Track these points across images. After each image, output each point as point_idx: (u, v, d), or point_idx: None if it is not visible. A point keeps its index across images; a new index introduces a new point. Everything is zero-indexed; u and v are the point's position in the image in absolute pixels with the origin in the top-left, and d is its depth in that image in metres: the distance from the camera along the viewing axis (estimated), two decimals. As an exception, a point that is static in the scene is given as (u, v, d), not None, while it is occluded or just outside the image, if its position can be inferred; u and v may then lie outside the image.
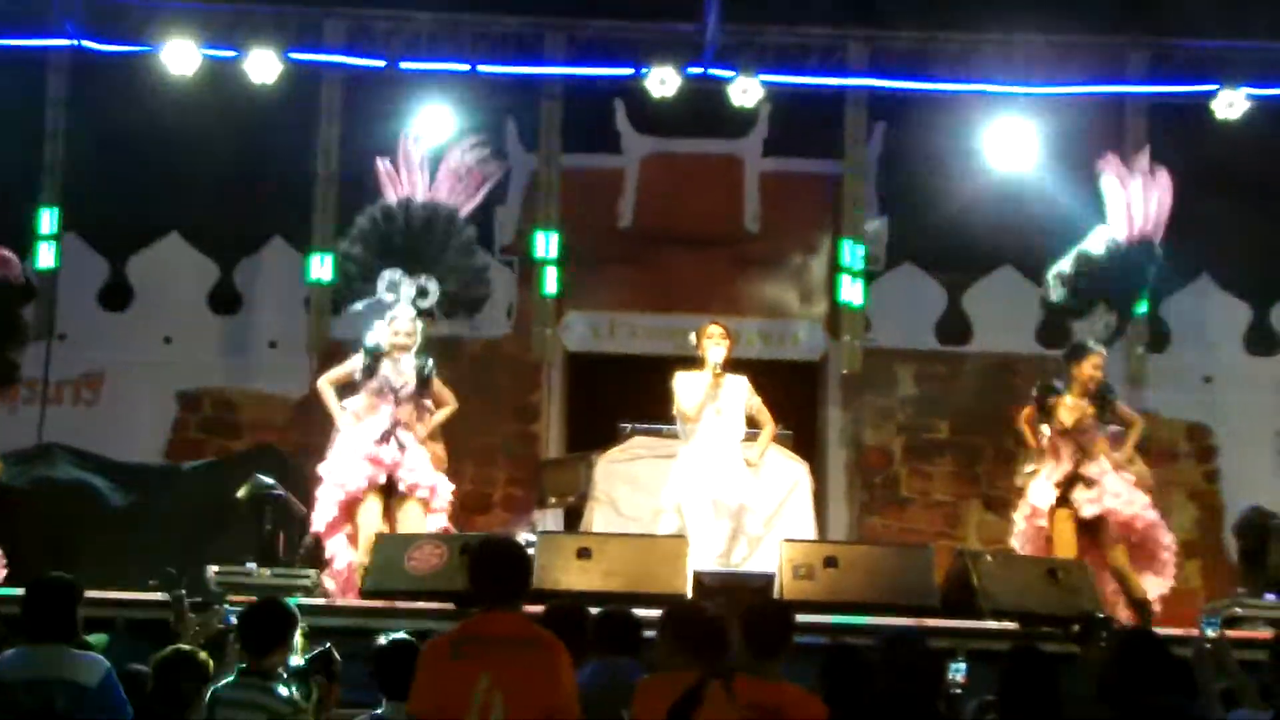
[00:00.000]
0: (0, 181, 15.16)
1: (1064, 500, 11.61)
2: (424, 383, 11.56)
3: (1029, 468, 11.93)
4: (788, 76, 15.38)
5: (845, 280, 15.54)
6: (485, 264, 12.67)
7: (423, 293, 11.70)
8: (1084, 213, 13.19)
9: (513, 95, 15.75)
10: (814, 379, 16.51)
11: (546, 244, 15.51)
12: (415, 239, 11.86)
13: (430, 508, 11.47)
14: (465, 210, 12.33)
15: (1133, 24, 15.40)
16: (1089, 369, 11.78)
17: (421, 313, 11.73)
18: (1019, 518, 11.91)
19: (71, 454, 14.45)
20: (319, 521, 11.42)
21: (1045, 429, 11.83)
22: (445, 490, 11.60)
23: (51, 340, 15.50)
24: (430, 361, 11.64)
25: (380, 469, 11.37)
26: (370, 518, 11.31)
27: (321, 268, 15.13)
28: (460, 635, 6.09)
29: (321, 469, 11.53)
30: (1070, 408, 11.69)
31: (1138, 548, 11.61)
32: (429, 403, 11.71)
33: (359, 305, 12.08)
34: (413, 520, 11.31)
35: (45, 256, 15.31)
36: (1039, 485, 11.73)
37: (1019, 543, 11.91)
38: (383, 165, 12.34)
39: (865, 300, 15.60)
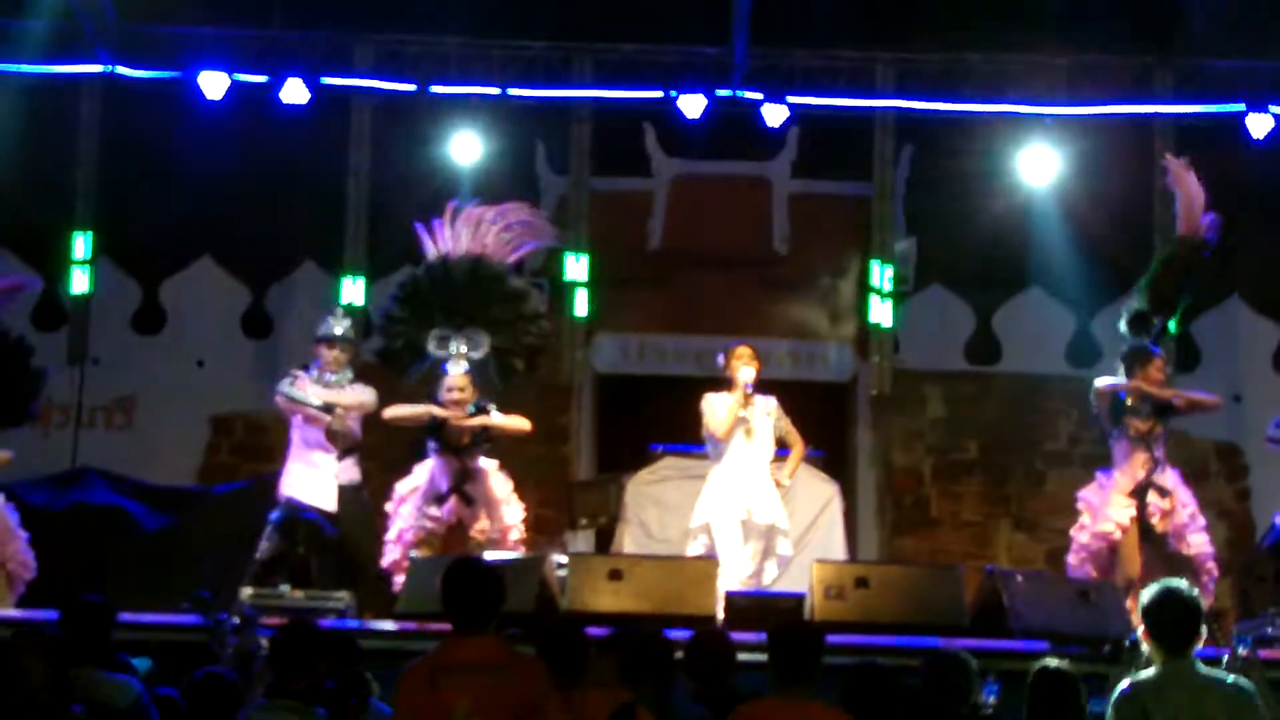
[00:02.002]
0: (34, 207, 15.31)
1: (1138, 507, 11.48)
2: (483, 439, 11.59)
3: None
4: (816, 98, 15.42)
5: (874, 301, 15.59)
6: (538, 312, 12.40)
7: (474, 345, 11.66)
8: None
9: (542, 118, 15.83)
10: (843, 400, 16.51)
11: (576, 266, 15.58)
12: (458, 294, 11.78)
13: (505, 542, 11.50)
14: (510, 261, 12.16)
15: (1159, 44, 15.41)
16: (1155, 371, 11.68)
17: (474, 367, 11.68)
18: (1084, 533, 11.71)
19: (105, 478, 14.55)
20: (386, 559, 11.50)
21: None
22: (516, 523, 11.61)
23: (85, 364, 15.60)
24: (490, 409, 11.61)
25: (439, 523, 11.43)
26: None
27: (354, 288, 15.25)
28: (436, 664, 6.04)
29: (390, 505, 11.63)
30: (1138, 413, 11.59)
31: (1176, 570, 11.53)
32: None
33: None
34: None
35: (79, 281, 15.47)
36: (1116, 502, 11.56)
37: (1076, 560, 11.73)
38: (421, 228, 12.21)
39: (895, 323, 15.68)
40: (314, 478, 11.76)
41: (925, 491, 16.20)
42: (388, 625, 10.49)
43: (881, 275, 15.63)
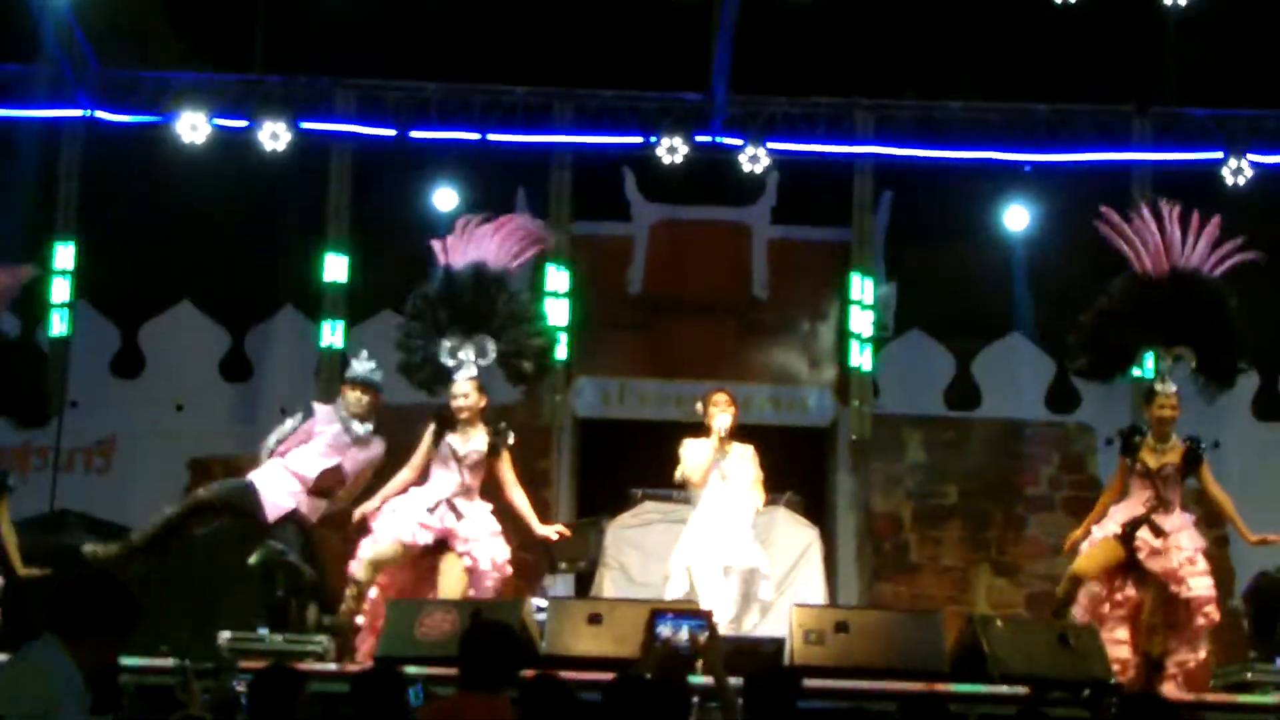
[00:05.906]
0: (13, 250, 15.27)
1: (1125, 538, 11.40)
2: (495, 451, 11.49)
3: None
4: (795, 144, 15.49)
5: (854, 346, 15.61)
6: (541, 315, 12.36)
7: (482, 352, 11.66)
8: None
9: (522, 164, 15.86)
10: (824, 445, 16.54)
11: (558, 310, 15.58)
12: (463, 303, 11.78)
13: (477, 571, 11.37)
14: (513, 267, 12.14)
15: (1137, 92, 15.48)
16: (1157, 410, 11.68)
17: (482, 373, 11.65)
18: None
19: (84, 521, 14.49)
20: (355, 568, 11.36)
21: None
22: (500, 558, 11.50)
23: (63, 408, 15.55)
24: (509, 434, 11.56)
25: (427, 533, 11.29)
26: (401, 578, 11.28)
27: (333, 335, 15.26)
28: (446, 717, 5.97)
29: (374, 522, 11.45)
30: (1153, 451, 11.59)
31: (1174, 611, 11.42)
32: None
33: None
34: (452, 577, 11.23)
35: (58, 325, 15.43)
36: (1103, 524, 11.46)
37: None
38: (434, 244, 12.15)
39: (875, 366, 15.70)
40: (283, 486, 11.63)
41: (905, 536, 16.20)
42: (365, 669, 10.42)
43: (861, 320, 15.66)
